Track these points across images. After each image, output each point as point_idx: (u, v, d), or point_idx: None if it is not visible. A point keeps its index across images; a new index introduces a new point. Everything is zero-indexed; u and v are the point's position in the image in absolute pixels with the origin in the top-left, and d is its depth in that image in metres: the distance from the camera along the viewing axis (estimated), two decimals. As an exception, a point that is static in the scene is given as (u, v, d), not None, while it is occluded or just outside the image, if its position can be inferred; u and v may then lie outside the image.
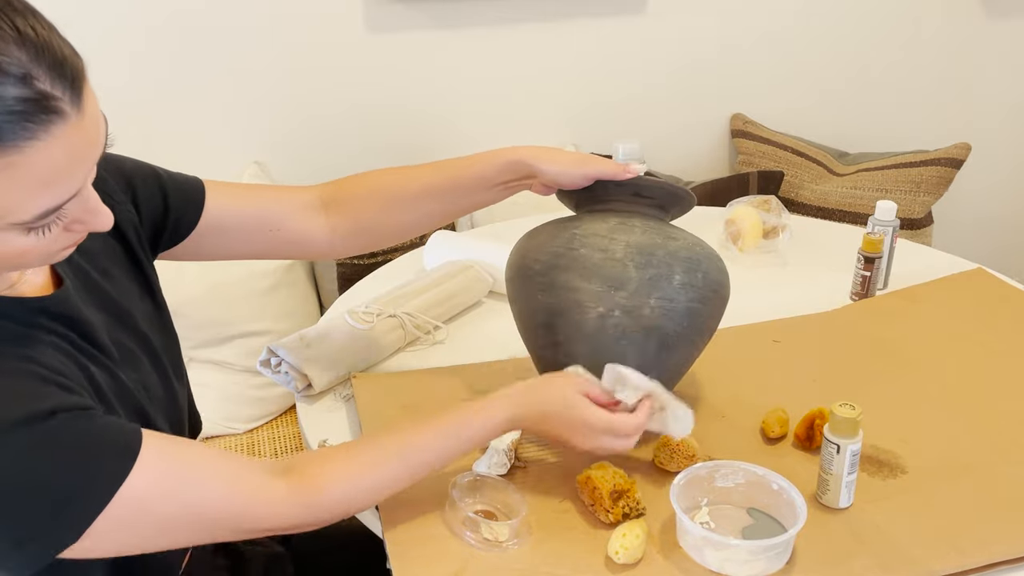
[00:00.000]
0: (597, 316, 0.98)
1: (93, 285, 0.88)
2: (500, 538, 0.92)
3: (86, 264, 0.88)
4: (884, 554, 0.91)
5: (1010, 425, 1.12)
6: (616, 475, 0.95)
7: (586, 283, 0.99)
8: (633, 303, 0.98)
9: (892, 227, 1.43)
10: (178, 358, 1.00)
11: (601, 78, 2.26)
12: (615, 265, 0.99)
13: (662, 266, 0.99)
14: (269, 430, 1.89)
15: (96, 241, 0.91)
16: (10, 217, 0.66)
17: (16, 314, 0.76)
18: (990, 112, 2.59)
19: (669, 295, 0.99)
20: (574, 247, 1.00)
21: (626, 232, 1.01)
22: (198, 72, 1.97)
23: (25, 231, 0.68)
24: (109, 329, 0.87)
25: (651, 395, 0.96)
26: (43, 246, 0.71)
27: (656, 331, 0.99)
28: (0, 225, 0.67)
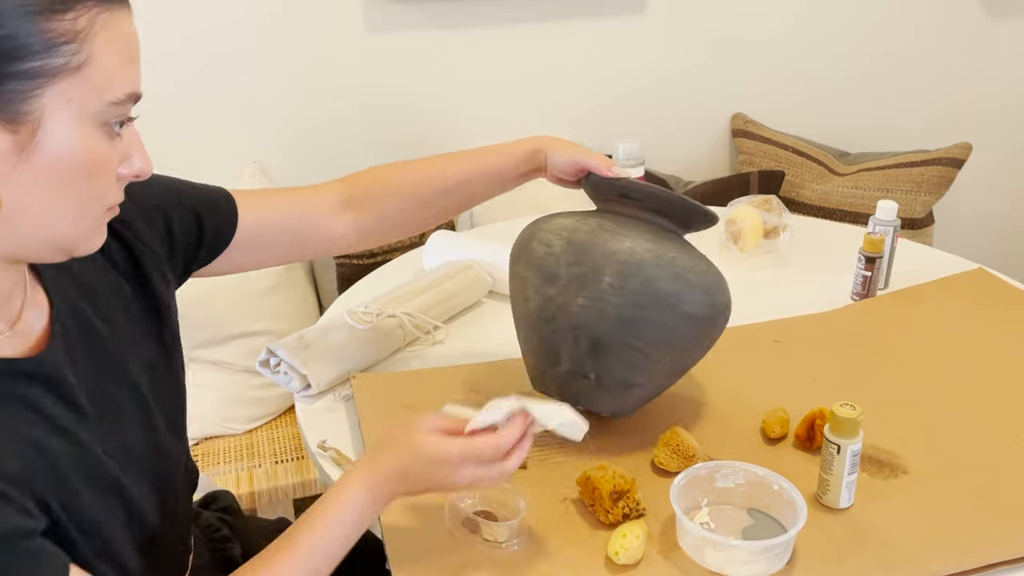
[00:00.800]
0: (535, 308, 1.02)
1: (90, 331, 0.82)
2: (499, 539, 0.92)
3: (87, 307, 0.83)
4: (884, 554, 0.91)
5: (1010, 425, 1.12)
6: (616, 475, 0.95)
7: (530, 274, 1.02)
8: (564, 300, 0.99)
9: (893, 227, 1.43)
10: (177, 410, 0.93)
11: (601, 78, 2.26)
12: (550, 260, 1.01)
13: (591, 264, 0.98)
14: (268, 430, 1.89)
15: (101, 279, 0.86)
16: (107, 93, 0.68)
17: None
18: (991, 112, 2.59)
19: (596, 296, 0.97)
20: (533, 239, 1.04)
21: (573, 229, 1.02)
22: (197, 72, 1.96)
23: (105, 133, 0.70)
24: (95, 380, 0.81)
25: (524, 411, 0.86)
26: (111, 168, 0.72)
27: (585, 330, 0.98)
28: (95, 108, 0.68)
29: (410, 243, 1.95)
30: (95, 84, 0.67)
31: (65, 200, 0.70)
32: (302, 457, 1.80)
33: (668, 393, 1.13)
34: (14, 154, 0.66)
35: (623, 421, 1.11)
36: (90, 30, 0.67)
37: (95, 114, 0.68)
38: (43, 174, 0.67)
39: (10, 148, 0.66)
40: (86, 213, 0.72)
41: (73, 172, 0.69)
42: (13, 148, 0.66)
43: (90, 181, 0.70)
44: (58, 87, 0.66)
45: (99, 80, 0.68)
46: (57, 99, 0.66)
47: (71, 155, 0.68)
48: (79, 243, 0.74)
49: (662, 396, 1.12)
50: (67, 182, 0.69)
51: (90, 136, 0.69)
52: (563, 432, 0.87)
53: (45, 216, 0.69)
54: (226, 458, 1.80)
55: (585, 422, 0.88)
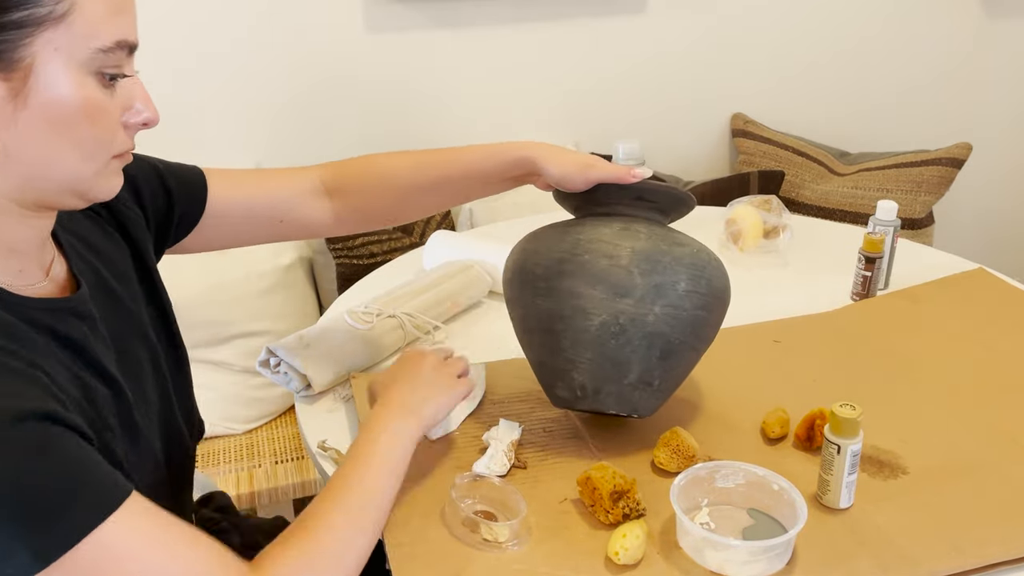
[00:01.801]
0: (600, 323, 0.97)
1: (107, 289, 0.88)
2: (500, 539, 0.92)
3: (101, 266, 0.88)
4: (884, 554, 0.91)
5: (1010, 425, 1.12)
6: (616, 475, 0.95)
7: (590, 289, 0.97)
8: (638, 310, 0.97)
9: (893, 227, 1.43)
10: (183, 364, 1.00)
11: (601, 78, 2.26)
12: (620, 272, 0.97)
13: (667, 273, 0.98)
14: (268, 431, 1.89)
15: (109, 243, 0.91)
16: (93, 40, 0.71)
17: (38, 317, 0.76)
18: (991, 112, 2.59)
19: (674, 302, 0.98)
20: (578, 252, 0.99)
21: (631, 238, 0.99)
22: (197, 72, 1.96)
23: (100, 82, 0.73)
24: (116, 331, 0.86)
25: None
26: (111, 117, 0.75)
27: (659, 338, 0.98)
28: (84, 56, 0.71)
29: (410, 243, 1.95)
30: (80, 32, 0.71)
31: (64, 143, 0.73)
32: (302, 457, 1.80)
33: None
34: (11, 100, 0.70)
35: (622, 421, 1.11)
36: None
37: (84, 61, 0.71)
38: (40, 118, 0.71)
39: (6, 95, 0.70)
40: (90, 156, 0.75)
41: (68, 116, 0.72)
42: (9, 95, 0.70)
43: (87, 126, 0.73)
44: (45, 36, 0.69)
45: (84, 28, 0.71)
46: (46, 47, 0.70)
47: (64, 100, 0.71)
48: (90, 187, 0.77)
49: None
50: (64, 126, 0.72)
51: (81, 83, 0.72)
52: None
53: (48, 159, 0.73)
54: (226, 458, 1.80)
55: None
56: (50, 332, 0.77)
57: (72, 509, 0.67)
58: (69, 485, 0.68)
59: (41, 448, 0.67)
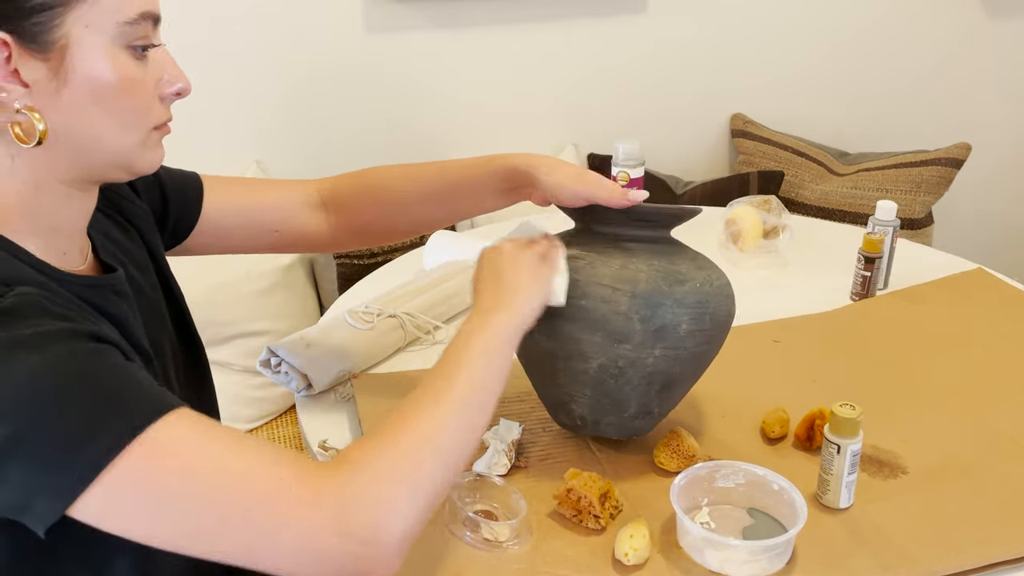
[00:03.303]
0: (598, 366, 0.96)
1: (132, 279, 0.89)
2: (500, 538, 0.92)
3: (124, 257, 0.90)
4: (884, 554, 0.91)
5: (1010, 425, 1.12)
6: (593, 479, 0.95)
7: (589, 335, 0.95)
8: (637, 354, 0.95)
9: (892, 227, 1.43)
10: (199, 358, 1.01)
11: (601, 78, 2.26)
12: (619, 319, 0.95)
13: (668, 316, 0.95)
14: (269, 430, 1.89)
15: (127, 239, 0.93)
16: (119, 14, 0.74)
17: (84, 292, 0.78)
18: (990, 112, 2.59)
19: (675, 344, 0.96)
20: (576, 296, 0.96)
21: (630, 279, 0.96)
22: (198, 72, 1.96)
23: (131, 55, 0.76)
24: (147, 326, 0.88)
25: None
26: (146, 88, 0.78)
27: (659, 375, 0.98)
28: (112, 30, 0.74)
29: (410, 243, 1.95)
30: (106, 7, 0.73)
31: (106, 117, 0.76)
32: (302, 457, 1.80)
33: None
34: (51, 80, 0.73)
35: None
36: None
37: (115, 36, 0.74)
38: (80, 95, 0.74)
39: (47, 76, 0.73)
40: (132, 127, 0.78)
41: (107, 90, 0.75)
42: (49, 75, 0.73)
43: (126, 98, 0.76)
44: (74, 14, 0.72)
45: (109, 3, 0.73)
46: (76, 25, 0.72)
47: (101, 75, 0.74)
48: (134, 159, 0.80)
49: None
50: (104, 100, 0.75)
51: (115, 56, 0.75)
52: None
53: (92, 133, 0.76)
54: (226, 458, 1.80)
55: None
56: (95, 307, 0.79)
57: (124, 411, 0.68)
58: (124, 387, 0.70)
59: (95, 357, 0.70)
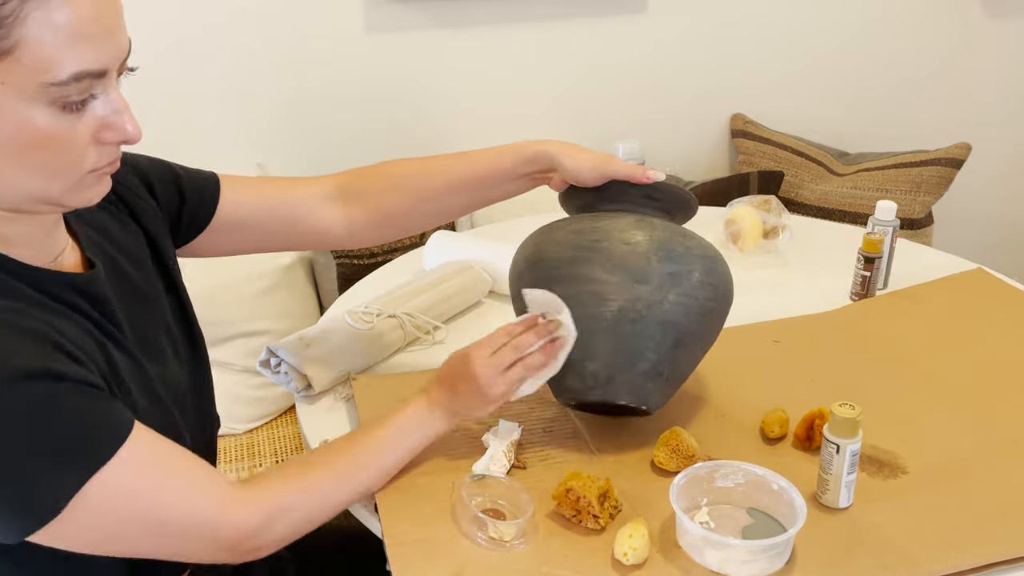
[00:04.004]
0: (617, 309, 0.98)
1: (122, 275, 0.89)
2: (505, 537, 0.92)
3: (114, 251, 0.89)
4: (884, 554, 0.91)
5: (1010, 425, 1.12)
6: (592, 478, 0.95)
7: (608, 275, 0.98)
8: (654, 297, 0.98)
9: (892, 227, 1.43)
10: (200, 354, 1.01)
11: (601, 78, 2.26)
12: (638, 258, 0.99)
13: (682, 262, 1.00)
14: (269, 430, 1.89)
15: (123, 231, 0.92)
16: (45, 74, 0.68)
17: (48, 287, 0.78)
18: (990, 112, 2.59)
19: (687, 291, 1.00)
20: (597, 239, 1.00)
21: (647, 228, 1.01)
22: (198, 74, 1.97)
23: (58, 108, 0.70)
24: (135, 319, 0.87)
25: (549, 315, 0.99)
26: (73, 141, 0.72)
27: (673, 327, 1.00)
28: (34, 89, 0.68)
29: (410, 243, 1.95)
30: (29, 66, 0.68)
31: (21, 169, 0.72)
32: (302, 457, 1.80)
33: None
34: None
35: (622, 421, 1.11)
36: (18, 16, 0.66)
37: (34, 94, 0.69)
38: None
39: None
40: (53, 178, 0.74)
41: (19, 146, 0.71)
42: None
43: (42, 153, 0.72)
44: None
45: (33, 63, 0.67)
46: None
47: (16, 131, 0.69)
48: (63, 200, 0.76)
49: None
50: (16, 154, 0.71)
51: (30, 115, 0.69)
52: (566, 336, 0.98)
53: (12, 182, 0.73)
54: (227, 458, 1.80)
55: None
56: (64, 302, 0.79)
57: (73, 459, 0.72)
58: (67, 439, 0.72)
59: (42, 406, 0.70)
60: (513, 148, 1.08)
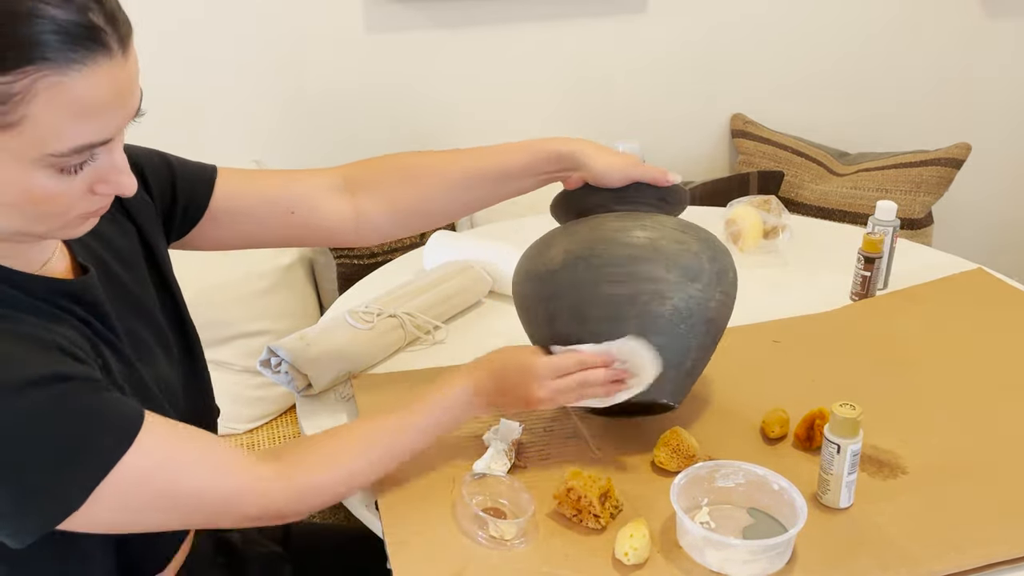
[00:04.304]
0: (672, 307, 0.99)
1: (112, 276, 0.89)
2: (506, 537, 0.92)
3: (106, 254, 0.89)
4: (884, 554, 0.91)
5: (1010, 425, 1.12)
6: (593, 478, 0.95)
7: (667, 273, 0.99)
8: (704, 295, 1.00)
9: (892, 227, 1.43)
10: (194, 348, 1.01)
11: (601, 78, 2.26)
12: (691, 256, 1.00)
13: (723, 260, 1.04)
14: (269, 430, 1.89)
15: (116, 230, 0.92)
16: (46, 147, 0.68)
17: (42, 293, 0.78)
18: (990, 112, 2.59)
19: (726, 289, 1.04)
20: (654, 238, 1.00)
21: (690, 229, 1.04)
22: (197, 72, 1.96)
23: (56, 171, 0.70)
24: (126, 321, 0.88)
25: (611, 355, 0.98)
26: (67, 197, 0.72)
27: (714, 323, 1.03)
28: (35, 156, 0.68)
29: (410, 243, 1.95)
30: (32, 139, 0.67)
31: (11, 215, 0.73)
32: (302, 457, 1.80)
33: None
34: None
35: (622, 420, 1.11)
36: (27, 93, 0.66)
37: (36, 160, 0.69)
38: None
39: None
40: (41, 223, 0.74)
41: (12, 201, 0.71)
42: None
43: (36, 207, 0.72)
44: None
45: (36, 136, 0.67)
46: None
47: (8, 191, 0.70)
48: (46, 236, 0.77)
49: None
50: (8, 205, 0.71)
51: (31, 178, 0.70)
52: (642, 379, 0.97)
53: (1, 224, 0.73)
54: (226, 458, 1.80)
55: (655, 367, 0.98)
56: (59, 308, 0.79)
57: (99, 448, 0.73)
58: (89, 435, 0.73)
59: (51, 410, 0.71)
60: (533, 145, 1.06)
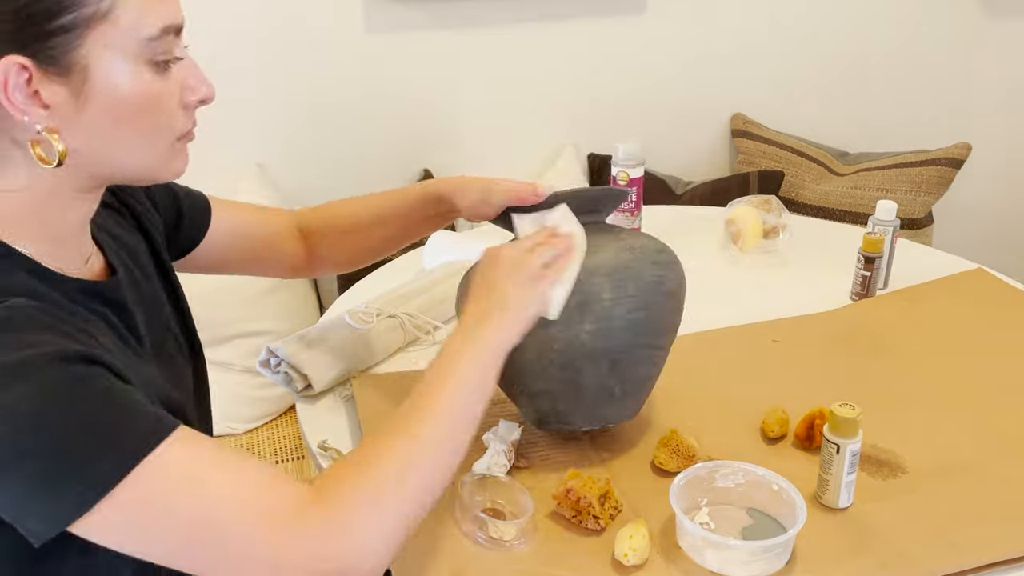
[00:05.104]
0: (536, 355, 0.95)
1: (135, 282, 0.89)
2: (506, 537, 0.92)
3: (130, 262, 0.90)
4: (884, 554, 0.91)
5: (1010, 425, 1.12)
6: (592, 479, 0.95)
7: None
8: (567, 333, 0.94)
9: (892, 227, 1.43)
10: (200, 363, 1.01)
11: (601, 78, 2.26)
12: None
13: (586, 289, 0.94)
14: (269, 430, 1.89)
15: (131, 238, 0.93)
16: (140, 31, 0.72)
17: (79, 297, 0.78)
18: (990, 112, 2.59)
19: (603, 315, 0.95)
20: None
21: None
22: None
23: (153, 67, 0.74)
24: (147, 325, 0.88)
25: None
26: (170, 100, 0.76)
27: (601, 353, 0.96)
28: (135, 47, 0.72)
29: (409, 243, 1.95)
30: (127, 25, 0.72)
31: (128, 135, 0.75)
32: (302, 457, 1.80)
33: (668, 393, 1.13)
34: (72, 102, 0.72)
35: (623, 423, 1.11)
36: None
37: (137, 54, 0.73)
38: (103, 116, 0.73)
39: (68, 97, 0.71)
40: (155, 142, 0.77)
41: (130, 111, 0.74)
42: (70, 97, 0.72)
43: (149, 116, 0.75)
44: (94, 34, 0.71)
45: (130, 21, 0.72)
46: (96, 45, 0.71)
47: (124, 95, 0.73)
48: (158, 170, 0.80)
49: (662, 396, 1.12)
50: (127, 120, 0.74)
51: (138, 75, 0.73)
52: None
53: (115, 151, 0.76)
54: (226, 458, 1.80)
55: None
56: (91, 310, 0.79)
57: (120, 440, 0.68)
58: (117, 418, 0.69)
59: (89, 384, 0.69)
60: (416, 190, 1.09)
